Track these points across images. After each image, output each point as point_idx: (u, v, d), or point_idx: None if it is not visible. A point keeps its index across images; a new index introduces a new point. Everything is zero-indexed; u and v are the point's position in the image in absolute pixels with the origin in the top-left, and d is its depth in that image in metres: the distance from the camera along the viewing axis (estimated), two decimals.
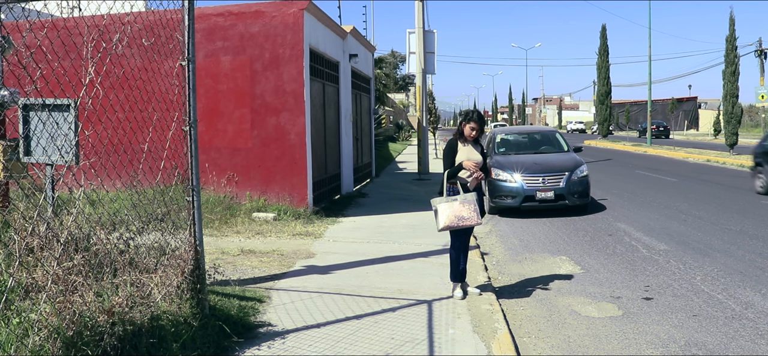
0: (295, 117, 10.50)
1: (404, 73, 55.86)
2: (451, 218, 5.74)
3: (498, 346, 4.66)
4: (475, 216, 5.76)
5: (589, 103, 79.80)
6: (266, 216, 9.94)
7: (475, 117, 6.05)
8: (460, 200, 5.79)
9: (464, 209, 5.76)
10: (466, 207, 5.76)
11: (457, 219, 5.74)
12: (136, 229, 4.82)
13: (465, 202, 5.78)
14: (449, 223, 5.75)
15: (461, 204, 5.78)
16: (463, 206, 5.77)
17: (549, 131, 14.36)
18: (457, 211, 5.75)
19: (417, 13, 18.84)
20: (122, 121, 4.72)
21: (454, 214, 5.74)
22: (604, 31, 44.83)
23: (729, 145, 26.80)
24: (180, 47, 4.66)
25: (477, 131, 6.04)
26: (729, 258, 7.63)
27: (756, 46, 40.60)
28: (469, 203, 5.78)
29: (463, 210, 5.76)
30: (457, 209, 5.76)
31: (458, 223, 5.76)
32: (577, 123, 75.76)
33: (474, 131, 6.01)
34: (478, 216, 5.79)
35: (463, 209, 5.76)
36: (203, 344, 4.32)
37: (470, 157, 5.97)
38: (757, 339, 4.97)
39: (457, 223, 5.75)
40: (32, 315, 3.47)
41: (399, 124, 48.64)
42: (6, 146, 5.15)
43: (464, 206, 5.77)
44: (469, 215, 5.75)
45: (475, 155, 6.02)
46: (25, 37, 3.83)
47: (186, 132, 4.64)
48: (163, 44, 4.92)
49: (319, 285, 6.31)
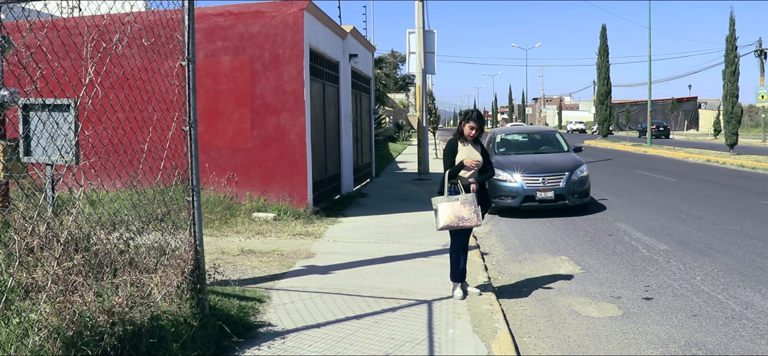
0: (295, 117, 10.50)
1: (404, 73, 55.88)
2: (451, 218, 5.74)
3: (498, 346, 4.66)
4: (476, 217, 5.76)
5: (589, 103, 79.80)
6: (266, 216, 9.94)
7: (474, 116, 6.05)
8: (461, 200, 5.78)
9: (465, 209, 5.76)
10: (467, 208, 5.76)
11: (457, 219, 5.74)
12: (136, 229, 4.82)
13: (466, 202, 5.77)
14: (449, 223, 5.75)
15: (462, 204, 5.77)
16: (463, 206, 5.76)
17: (549, 131, 14.36)
18: (457, 211, 5.75)
19: (417, 13, 18.85)
20: (122, 121, 4.72)
21: (454, 214, 5.74)
22: (604, 31, 44.86)
23: (729, 145, 26.80)
24: (180, 47, 4.66)
25: (476, 130, 6.03)
26: (729, 258, 7.63)
27: (756, 46, 40.58)
28: (469, 203, 5.77)
29: (464, 211, 5.75)
30: (458, 209, 5.76)
31: (458, 223, 5.75)
32: (577, 123, 75.74)
33: (473, 130, 5.99)
34: (478, 217, 5.78)
35: (464, 209, 5.75)
36: (203, 344, 4.32)
37: (471, 156, 5.97)
38: (757, 339, 4.97)
39: (457, 223, 5.75)
40: (32, 315, 3.47)
41: (399, 124, 48.65)
42: (6, 146, 5.15)
43: (465, 206, 5.76)
44: (470, 216, 5.74)
45: (476, 154, 6.01)
46: (25, 37, 3.83)
47: (186, 132, 4.64)
48: (163, 44, 4.92)
49: (319, 285, 6.31)
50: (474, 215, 5.76)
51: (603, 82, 44.98)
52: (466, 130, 6.02)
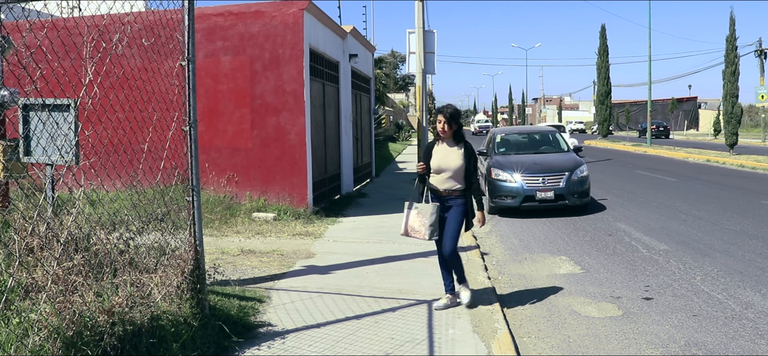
0: (295, 117, 10.50)
1: (404, 73, 55.91)
2: (404, 226, 5.40)
3: (498, 346, 4.66)
4: (423, 231, 5.27)
5: (589, 103, 79.80)
6: (266, 216, 9.94)
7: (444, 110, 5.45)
8: (417, 210, 5.35)
9: (417, 220, 5.32)
10: (419, 219, 5.31)
11: (409, 229, 5.38)
12: (136, 229, 4.82)
13: (419, 213, 5.32)
14: (403, 231, 5.41)
15: (416, 214, 5.34)
16: (416, 216, 5.33)
17: (549, 131, 14.37)
18: (411, 220, 5.36)
19: (417, 13, 18.83)
20: (122, 121, 4.72)
21: (408, 222, 5.38)
22: (603, 31, 44.86)
23: (729, 145, 26.79)
24: (180, 47, 4.66)
25: (445, 124, 5.38)
26: (729, 258, 7.63)
27: (756, 46, 40.56)
28: (423, 215, 5.30)
29: (416, 221, 5.33)
30: (412, 218, 5.36)
31: (410, 233, 5.37)
32: (577, 123, 75.70)
33: (441, 124, 5.38)
34: (427, 233, 5.27)
35: (416, 220, 5.33)
36: (203, 344, 4.32)
37: (444, 160, 5.40)
38: (757, 339, 4.98)
39: (408, 233, 5.38)
40: (32, 315, 3.47)
41: (399, 124, 48.65)
42: (6, 146, 5.16)
43: (418, 217, 5.33)
44: (418, 229, 5.30)
45: (452, 158, 5.39)
46: (25, 37, 3.83)
47: (186, 132, 4.64)
48: (163, 44, 4.92)
49: (319, 285, 6.31)
50: (423, 228, 5.27)
51: (603, 83, 44.98)
52: (438, 127, 5.46)
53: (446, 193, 5.44)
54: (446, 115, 5.38)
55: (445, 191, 5.43)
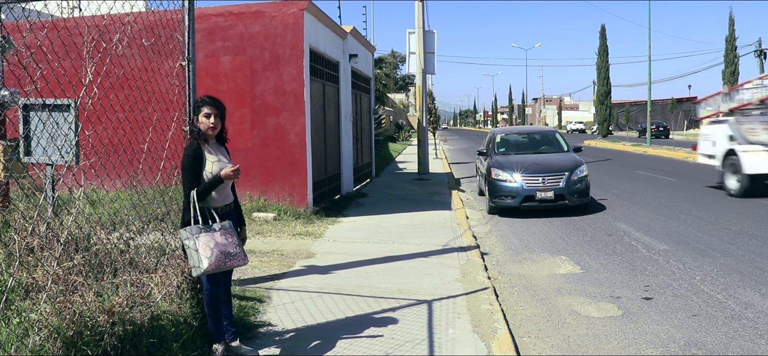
0: (295, 117, 10.50)
1: (404, 73, 55.92)
2: (217, 257, 3.92)
3: (498, 346, 4.66)
4: (241, 253, 4.08)
5: (589, 103, 79.79)
6: (266, 216, 9.94)
7: (208, 101, 4.17)
8: (220, 229, 4.04)
9: (229, 242, 4.03)
10: (230, 239, 4.05)
11: (223, 257, 3.96)
12: (136, 229, 4.83)
13: (225, 233, 4.05)
14: (217, 263, 3.93)
15: (223, 235, 4.02)
16: (225, 237, 4.03)
17: (549, 131, 14.37)
18: (221, 245, 3.97)
19: (417, 13, 18.85)
20: (122, 121, 4.73)
21: (218, 249, 3.94)
22: (603, 31, 44.93)
23: None
24: (180, 47, 4.67)
25: (216, 118, 4.18)
26: (729, 258, 7.63)
27: (756, 46, 40.60)
28: (230, 234, 4.08)
29: (229, 244, 4.01)
30: (221, 242, 3.98)
31: (225, 262, 3.97)
32: (577, 123, 75.71)
33: (210, 118, 4.15)
34: (244, 253, 4.11)
35: (228, 242, 4.02)
36: (203, 344, 4.33)
37: (226, 165, 4.24)
38: (757, 339, 4.98)
39: (223, 262, 3.96)
40: (32, 315, 3.47)
41: (399, 124, 48.67)
42: (6, 146, 5.16)
43: (227, 237, 4.04)
44: (235, 251, 4.03)
45: (226, 161, 4.32)
46: (25, 37, 3.83)
47: (186, 132, 4.64)
48: (163, 44, 4.93)
49: (319, 285, 6.31)
50: (239, 249, 4.07)
51: (603, 83, 45.03)
52: (202, 124, 4.14)
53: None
54: (213, 105, 4.23)
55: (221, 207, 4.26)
